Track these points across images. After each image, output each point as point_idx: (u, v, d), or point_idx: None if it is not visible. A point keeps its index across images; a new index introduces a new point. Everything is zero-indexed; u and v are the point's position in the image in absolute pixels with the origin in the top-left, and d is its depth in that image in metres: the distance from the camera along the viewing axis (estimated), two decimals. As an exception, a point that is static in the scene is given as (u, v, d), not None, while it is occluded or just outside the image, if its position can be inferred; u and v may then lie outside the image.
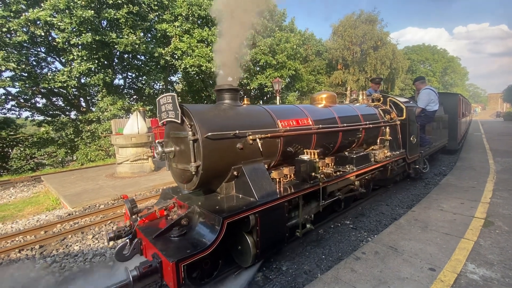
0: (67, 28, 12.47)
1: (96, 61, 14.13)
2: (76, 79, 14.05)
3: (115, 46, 14.28)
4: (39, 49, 15.23)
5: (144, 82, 17.85)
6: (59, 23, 12.35)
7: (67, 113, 17.53)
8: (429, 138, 7.23)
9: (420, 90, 6.87)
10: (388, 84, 30.43)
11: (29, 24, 12.40)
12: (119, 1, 13.99)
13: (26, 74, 13.67)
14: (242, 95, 23.18)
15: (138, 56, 17.57)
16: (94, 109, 16.68)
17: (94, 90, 17.17)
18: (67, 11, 12.35)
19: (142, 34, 15.77)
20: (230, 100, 3.40)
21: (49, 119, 16.54)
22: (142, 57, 17.68)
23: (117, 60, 17.16)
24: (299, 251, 3.71)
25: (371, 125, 5.08)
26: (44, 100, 16.52)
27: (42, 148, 15.69)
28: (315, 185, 3.50)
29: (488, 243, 3.28)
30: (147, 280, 2.40)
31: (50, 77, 13.76)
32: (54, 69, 16.02)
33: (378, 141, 5.53)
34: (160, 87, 20.52)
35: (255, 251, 2.88)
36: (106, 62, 15.67)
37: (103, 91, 15.49)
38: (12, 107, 15.52)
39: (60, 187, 8.24)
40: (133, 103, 17.66)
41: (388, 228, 3.90)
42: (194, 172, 2.88)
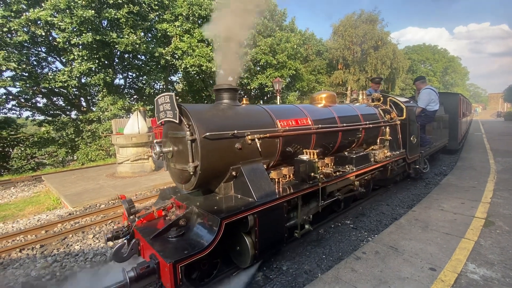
0: (68, 28, 12.47)
1: (97, 61, 14.14)
2: (76, 79, 14.09)
3: (116, 46, 14.28)
4: (39, 49, 15.25)
5: (144, 82, 17.83)
6: (59, 23, 12.35)
7: (68, 113, 17.57)
8: (430, 138, 7.22)
9: (421, 89, 6.86)
10: (388, 84, 30.38)
11: (29, 24, 12.40)
12: (120, 1, 13.97)
13: (26, 74, 13.69)
14: (242, 95, 23.17)
15: (139, 56, 17.57)
16: (94, 109, 16.69)
17: (94, 90, 17.21)
18: (67, 11, 12.34)
19: (143, 34, 15.76)
20: (229, 99, 3.38)
21: (50, 119, 16.59)
22: (143, 57, 17.68)
23: (117, 60, 17.17)
24: (299, 251, 3.71)
25: (371, 125, 5.06)
26: (44, 100, 16.57)
27: (42, 147, 15.71)
28: (314, 185, 3.48)
29: (488, 243, 3.27)
30: (144, 281, 2.37)
31: (50, 77, 13.79)
32: (55, 69, 16.06)
33: (378, 141, 5.51)
34: (160, 87, 20.52)
35: (254, 252, 2.86)
36: (106, 62, 15.67)
37: (104, 91, 15.50)
38: (13, 107, 15.57)
39: (60, 186, 8.26)
40: (133, 103, 17.66)
41: (388, 228, 3.90)
42: (192, 173, 2.86)
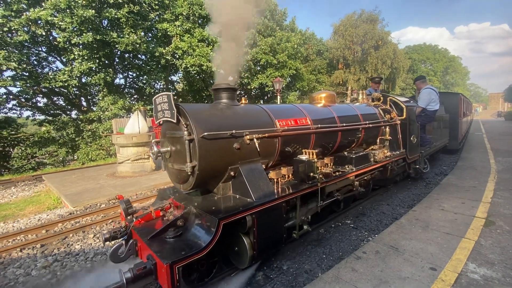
0: (68, 28, 12.48)
1: (97, 61, 14.14)
2: (77, 78, 14.10)
3: (116, 46, 14.28)
4: (40, 49, 15.24)
5: (145, 81, 17.83)
6: (60, 23, 12.36)
7: (68, 112, 17.58)
8: (430, 138, 7.21)
9: (421, 89, 6.85)
10: (389, 83, 30.36)
11: (30, 23, 12.41)
12: (120, 1, 13.98)
13: (27, 74, 13.70)
14: (243, 95, 23.14)
15: (139, 56, 17.56)
16: (95, 109, 16.70)
17: (95, 89, 17.22)
18: (68, 10, 12.35)
19: (143, 33, 15.74)
20: (228, 99, 3.36)
21: (50, 118, 16.59)
22: (143, 57, 17.67)
23: (118, 60, 17.17)
24: (300, 250, 3.71)
25: (371, 125, 5.04)
26: (45, 100, 16.58)
27: (43, 147, 15.73)
28: (313, 186, 3.46)
29: (489, 243, 3.27)
30: (141, 282, 2.36)
31: (51, 77, 13.80)
32: (55, 68, 16.06)
33: (378, 141, 5.50)
34: (161, 86, 20.52)
35: (252, 253, 2.84)
36: (107, 62, 15.67)
37: (104, 90, 15.50)
38: (13, 107, 15.58)
39: (61, 186, 8.26)
40: (134, 102, 17.65)
41: (389, 227, 3.90)
42: (190, 173, 2.83)
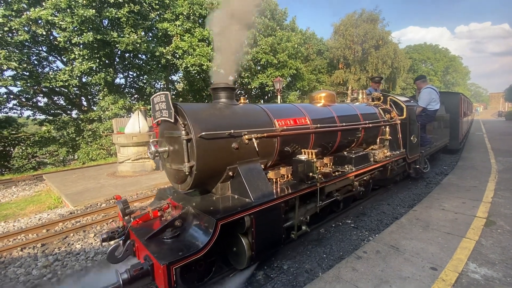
0: (69, 27, 12.48)
1: (98, 60, 14.14)
2: (77, 78, 14.11)
3: (116, 45, 14.28)
4: (40, 48, 15.25)
5: (145, 81, 17.83)
6: (60, 22, 12.36)
7: (69, 112, 17.59)
8: (430, 138, 7.20)
9: (421, 89, 6.84)
10: (389, 83, 30.34)
11: (30, 23, 12.41)
12: (120, 0, 13.97)
13: (27, 73, 13.70)
14: (243, 94, 23.07)
15: (139, 55, 17.57)
16: (95, 108, 16.72)
17: (95, 89, 17.23)
18: (68, 10, 12.35)
19: (143, 33, 15.74)
20: (226, 98, 3.34)
21: (51, 118, 16.60)
22: (143, 56, 17.68)
23: (118, 59, 17.17)
24: (300, 250, 3.71)
25: (371, 125, 5.02)
26: (45, 99, 16.59)
27: (43, 147, 15.74)
28: (312, 186, 3.44)
29: (489, 243, 3.27)
30: (138, 283, 2.34)
31: (51, 76, 13.81)
32: (56, 68, 16.07)
33: (378, 140, 5.48)
34: (161, 86, 20.52)
35: (250, 253, 2.83)
36: (107, 61, 15.67)
37: (104, 90, 15.51)
38: (14, 106, 15.57)
39: (61, 185, 8.27)
40: (134, 102, 17.66)
41: (389, 227, 3.89)
42: (187, 173, 2.81)
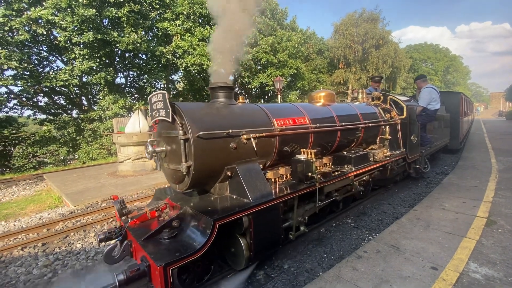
0: (69, 27, 12.47)
1: (98, 60, 14.14)
2: (77, 77, 14.12)
3: (117, 45, 14.27)
4: (41, 48, 15.24)
5: (145, 80, 17.83)
6: (60, 22, 12.35)
7: (69, 111, 17.59)
8: (430, 137, 7.19)
9: (422, 88, 6.83)
10: (390, 83, 30.32)
11: (31, 22, 12.40)
12: (121, 0, 13.98)
13: (28, 73, 13.70)
14: (243, 94, 22.99)
15: (140, 55, 17.55)
16: (95, 108, 16.71)
17: (95, 88, 17.24)
18: (68, 9, 12.34)
19: (144, 32, 15.73)
20: (224, 98, 3.32)
21: (51, 117, 16.61)
22: (144, 56, 17.67)
23: (118, 59, 17.15)
24: (300, 249, 3.71)
25: (371, 124, 5.00)
26: (46, 99, 16.58)
27: (44, 146, 15.75)
28: (311, 186, 3.42)
29: (490, 242, 3.27)
30: (134, 284, 2.33)
31: (52, 76, 13.81)
32: (56, 67, 16.06)
33: (378, 140, 5.47)
34: (161, 85, 20.51)
35: (248, 254, 2.81)
36: (107, 61, 15.67)
37: (105, 89, 15.51)
38: (14, 106, 15.57)
39: (62, 185, 8.28)
40: (134, 101, 17.65)
41: (390, 227, 3.89)
42: (185, 173, 2.79)
